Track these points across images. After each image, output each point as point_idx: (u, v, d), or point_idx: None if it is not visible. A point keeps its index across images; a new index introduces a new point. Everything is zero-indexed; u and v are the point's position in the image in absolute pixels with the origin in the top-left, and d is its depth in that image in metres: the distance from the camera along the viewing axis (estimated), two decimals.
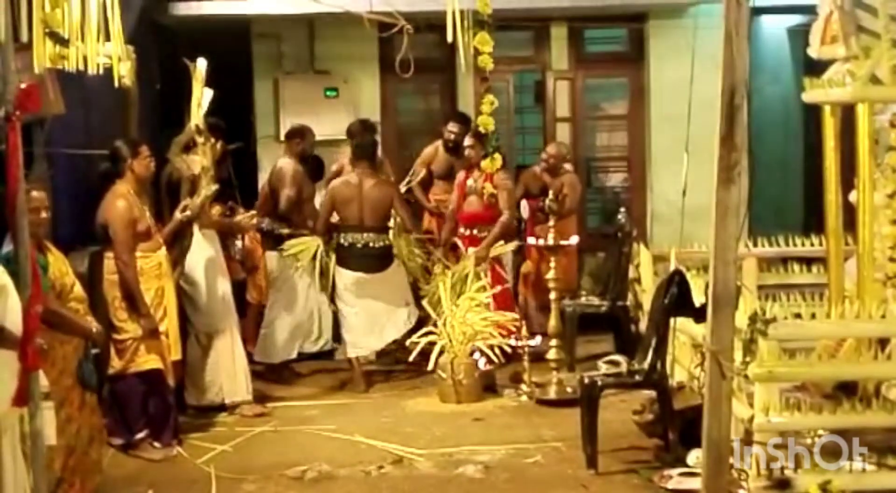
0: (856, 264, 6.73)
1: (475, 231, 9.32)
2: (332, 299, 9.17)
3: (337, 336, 9.41)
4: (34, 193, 5.86)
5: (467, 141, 9.43)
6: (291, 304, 9.30)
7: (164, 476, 6.93)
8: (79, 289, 6.18)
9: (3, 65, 4.54)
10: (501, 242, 9.23)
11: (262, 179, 10.50)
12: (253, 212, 9.07)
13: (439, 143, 10.15)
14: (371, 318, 8.98)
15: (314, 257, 9.10)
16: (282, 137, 10.91)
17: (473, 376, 8.40)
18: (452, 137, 9.89)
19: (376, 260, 8.93)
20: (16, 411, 4.71)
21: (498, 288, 9.02)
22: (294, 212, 9.40)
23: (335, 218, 9.06)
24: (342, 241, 8.96)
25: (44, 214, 5.92)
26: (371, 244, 8.89)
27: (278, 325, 9.29)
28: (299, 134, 9.68)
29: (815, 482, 5.56)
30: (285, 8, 10.39)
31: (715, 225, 4.62)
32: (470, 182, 9.38)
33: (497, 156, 9.14)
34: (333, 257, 9.05)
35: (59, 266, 6.03)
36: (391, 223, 9.11)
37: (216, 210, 8.51)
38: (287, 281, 9.30)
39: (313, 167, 9.88)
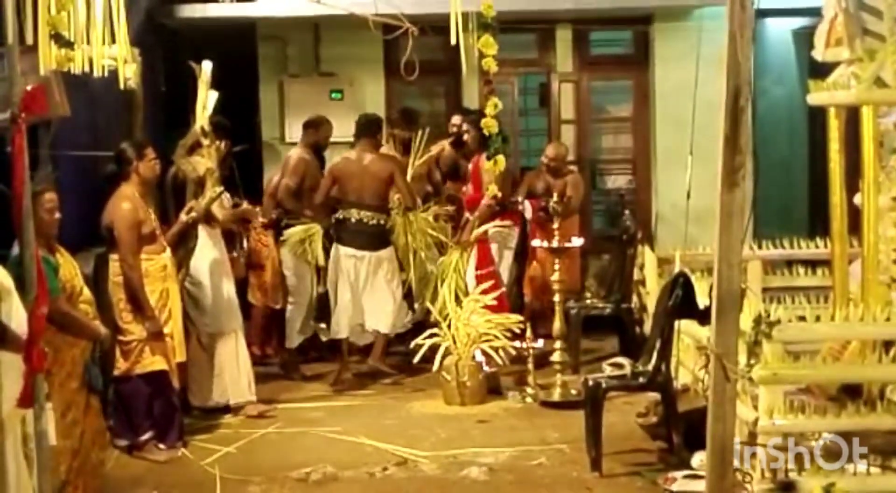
0: (860, 267, 6.73)
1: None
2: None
3: (322, 317, 9.40)
4: (48, 195, 5.90)
5: (464, 126, 9.50)
6: (305, 294, 9.37)
7: (168, 478, 6.93)
8: (87, 291, 6.20)
9: (9, 67, 4.56)
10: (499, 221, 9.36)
11: (267, 180, 10.55)
12: (257, 208, 9.12)
13: (444, 142, 10.14)
14: (356, 299, 8.98)
15: (312, 244, 9.24)
16: (287, 140, 11.03)
17: (478, 378, 8.41)
18: (456, 129, 9.91)
19: (369, 237, 8.94)
20: (19, 412, 4.72)
21: (484, 271, 9.08)
22: (291, 201, 9.45)
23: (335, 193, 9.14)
24: (339, 215, 9.01)
25: (57, 215, 5.96)
26: (365, 221, 8.91)
27: (296, 313, 9.43)
28: (313, 125, 9.75)
29: (820, 485, 5.56)
30: (290, 10, 10.40)
31: (719, 227, 4.62)
32: (470, 167, 9.47)
33: (500, 157, 9.13)
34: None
35: (69, 268, 6.04)
36: (395, 203, 9.15)
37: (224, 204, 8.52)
38: (302, 276, 9.39)
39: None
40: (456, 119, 10.05)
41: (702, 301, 6.41)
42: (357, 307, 9.03)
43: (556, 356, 8.55)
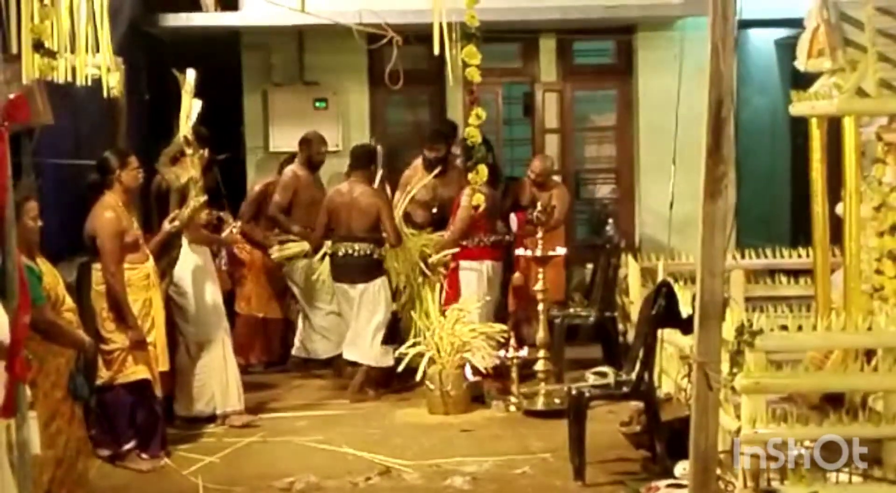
0: (842, 276, 6.75)
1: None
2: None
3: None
4: (31, 203, 5.91)
5: (455, 150, 9.49)
6: (319, 312, 9.39)
7: (151, 488, 6.92)
8: (70, 300, 6.18)
9: None
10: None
11: (250, 187, 10.58)
12: (237, 224, 9.10)
13: (418, 162, 9.97)
14: (335, 326, 9.08)
15: (300, 261, 9.32)
16: (271, 149, 11.06)
17: (461, 387, 8.41)
18: (442, 154, 9.76)
19: (356, 270, 8.89)
20: (1, 421, 4.70)
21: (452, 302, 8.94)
22: (280, 217, 9.54)
23: None
24: (329, 250, 9.02)
25: (40, 223, 5.97)
26: (353, 253, 8.88)
27: (310, 329, 9.45)
28: (304, 142, 9.80)
29: None
30: (274, 19, 10.38)
31: (702, 237, 4.63)
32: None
33: (482, 167, 9.09)
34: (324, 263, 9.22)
35: (52, 277, 6.03)
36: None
37: (204, 215, 8.50)
38: (311, 294, 9.43)
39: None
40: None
41: (685, 310, 6.43)
42: (338, 335, 9.14)
43: (539, 365, 8.56)
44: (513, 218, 9.57)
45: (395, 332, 9.08)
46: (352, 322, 8.97)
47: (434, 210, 9.53)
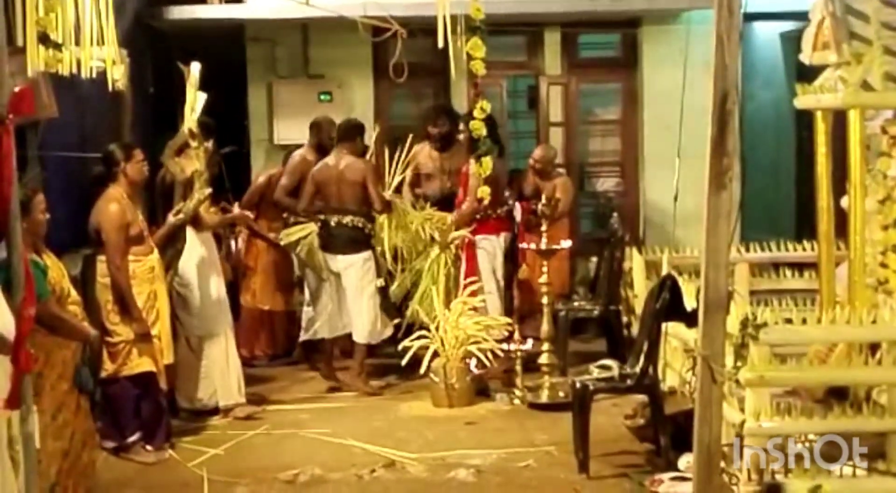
0: (847, 270, 6.75)
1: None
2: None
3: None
4: (41, 196, 5.93)
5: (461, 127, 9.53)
6: (323, 295, 9.33)
7: (156, 480, 6.94)
8: (75, 292, 6.20)
9: None
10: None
11: (254, 177, 10.58)
12: (250, 215, 9.11)
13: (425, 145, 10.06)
14: (338, 303, 9.08)
15: (310, 242, 9.26)
16: (275, 141, 11.07)
17: (466, 381, 8.42)
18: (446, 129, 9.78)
19: (344, 241, 8.91)
20: (5, 414, 4.70)
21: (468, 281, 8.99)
22: (286, 200, 9.50)
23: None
24: (322, 218, 9.03)
25: (48, 216, 5.99)
26: (344, 223, 8.90)
27: (313, 312, 9.40)
28: (315, 126, 9.75)
29: (806, 487, 5.58)
30: (279, 12, 10.40)
31: (706, 230, 4.63)
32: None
33: (486, 160, 9.08)
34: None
35: (57, 270, 6.05)
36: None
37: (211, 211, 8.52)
38: (315, 266, 9.40)
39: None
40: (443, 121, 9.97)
41: (689, 304, 6.43)
42: (338, 311, 9.12)
43: (543, 358, 8.56)
44: (517, 207, 9.58)
45: (389, 304, 9.19)
46: (338, 295, 9.02)
47: (449, 184, 9.53)
